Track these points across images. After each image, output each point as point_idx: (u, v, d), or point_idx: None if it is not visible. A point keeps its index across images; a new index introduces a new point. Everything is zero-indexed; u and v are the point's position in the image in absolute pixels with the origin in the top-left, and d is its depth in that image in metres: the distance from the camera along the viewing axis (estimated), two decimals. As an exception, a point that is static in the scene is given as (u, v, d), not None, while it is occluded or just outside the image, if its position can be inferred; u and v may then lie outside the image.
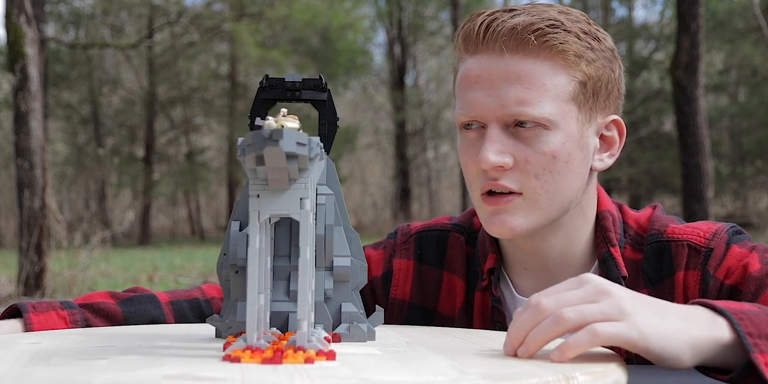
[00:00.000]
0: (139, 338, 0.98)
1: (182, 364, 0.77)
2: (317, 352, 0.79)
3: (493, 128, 1.12)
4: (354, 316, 0.96)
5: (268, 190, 0.81)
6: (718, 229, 1.17)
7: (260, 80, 1.02)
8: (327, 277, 0.96)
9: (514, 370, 0.74)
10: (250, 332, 0.81)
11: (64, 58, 19.93)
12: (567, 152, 1.13)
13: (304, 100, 1.02)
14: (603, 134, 1.20)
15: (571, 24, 1.14)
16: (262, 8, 18.10)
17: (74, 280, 7.49)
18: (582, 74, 1.14)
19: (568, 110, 1.13)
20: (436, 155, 25.84)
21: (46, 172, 7.31)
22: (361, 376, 0.70)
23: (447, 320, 1.28)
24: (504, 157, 1.11)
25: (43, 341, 0.95)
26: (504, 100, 1.11)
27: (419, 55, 24.73)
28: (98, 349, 0.87)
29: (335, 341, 0.94)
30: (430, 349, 0.89)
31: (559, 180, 1.14)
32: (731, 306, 0.85)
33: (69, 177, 20.54)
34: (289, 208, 0.81)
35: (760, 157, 18.66)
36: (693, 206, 8.75)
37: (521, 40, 1.11)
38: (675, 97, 8.99)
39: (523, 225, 1.14)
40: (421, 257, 1.31)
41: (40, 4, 7.66)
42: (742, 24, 18.63)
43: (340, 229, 0.97)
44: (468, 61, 1.16)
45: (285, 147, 0.74)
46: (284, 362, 0.76)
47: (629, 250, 1.20)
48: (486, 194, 1.14)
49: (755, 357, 0.80)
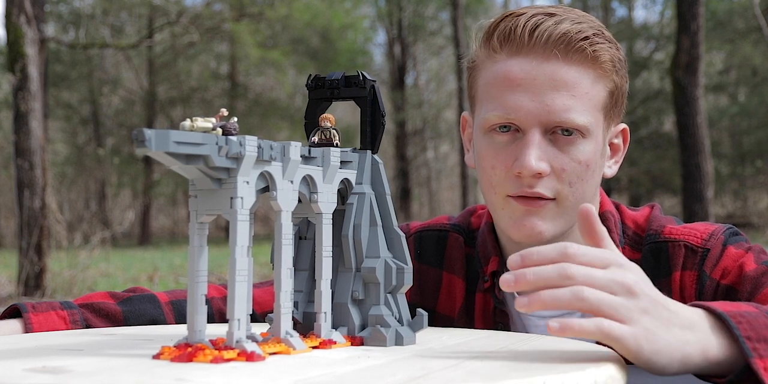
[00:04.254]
0: (127, 338, 0.97)
1: (86, 359, 0.78)
2: (239, 352, 0.78)
3: (535, 134, 1.11)
4: (379, 320, 0.93)
5: (202, 190, 0.81)
6: (715, 230, 1.18)
7: (306, 81, 1.01)
8: (357, 278, 0.94)
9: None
10: (189, 330, 0.82)
11: (64, 58, 19.92)
12: (595, 160, 1.15)
13: (344, 97, 1.00)
14: (612, 142, 1.21)
15: (606, 32, 1.15)
16: (262, 8, 18.08)
17: (74, 280, 7.49)
18: (612, 84, 1.15)
19: (599, 119, 1.14)
20: (436, 155, 25.83)
21: (46, 172, 7.30)
22: (226, 379, 0.69)
23: (447, 320, 1.28)
24: (543, 164, 1.11)
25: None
26: (550, 106, 1.10)
27: (419, 55, 24.72)
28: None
29: (356, 344, 0.92)
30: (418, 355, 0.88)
31: (586, 187, 1.14)
32: (729, 308, 0.85)
33: (69, 177, 20.55)
34: (221, 208, 0.80)
35: (760, 157, 18.66)
36: (693, 206, 8.75)
37: (575, 48, 1.10)
38: (675, 97, 8.99)
39: (550, 230, 1.14)
40: (420, 257, 1.31)
41: (40, 4, 7.66)
42: (742, 24, 18.63)
43: (375, 230, 0.95)
44: (506, 62, 1.14)
45: (155, 147, 0.72)
46: (194, 361, 0.76)
47: (628, 250, 1.20)
48: (518, 196, 1.14)
49: (754, 362, 0.80)
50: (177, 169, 0.78)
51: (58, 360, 0.79)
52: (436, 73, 24.76)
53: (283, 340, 0.84)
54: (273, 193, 0.85)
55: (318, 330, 0.89)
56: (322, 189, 0.91)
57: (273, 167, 0.84)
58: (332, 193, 0.92)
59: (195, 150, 0.76)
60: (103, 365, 0.76)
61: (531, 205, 1.13)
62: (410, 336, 0.94)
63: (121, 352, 0.86)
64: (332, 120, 0.96)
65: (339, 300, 0.93)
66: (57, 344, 0.93)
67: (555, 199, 1.13)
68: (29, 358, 0.80)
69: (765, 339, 0.82)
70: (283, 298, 0.85)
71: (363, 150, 0.98)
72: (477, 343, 0.95)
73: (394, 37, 23.48)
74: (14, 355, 0.83)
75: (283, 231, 0.85)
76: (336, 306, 0.93)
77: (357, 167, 0.97)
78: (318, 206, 0.91)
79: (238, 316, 0.79)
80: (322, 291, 0.90)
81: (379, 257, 0.94)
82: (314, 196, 0.90)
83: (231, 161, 0.79)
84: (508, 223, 1.15)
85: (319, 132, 0.97)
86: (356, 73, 0.99)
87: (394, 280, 0.94)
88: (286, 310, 0.85)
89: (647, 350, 0.78)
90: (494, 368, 0.75)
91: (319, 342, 0.88)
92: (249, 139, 0.80)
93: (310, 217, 0.92)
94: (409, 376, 0.71)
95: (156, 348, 0.85)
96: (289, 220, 0.86)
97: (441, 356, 0.84)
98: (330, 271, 0.91)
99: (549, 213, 1.13)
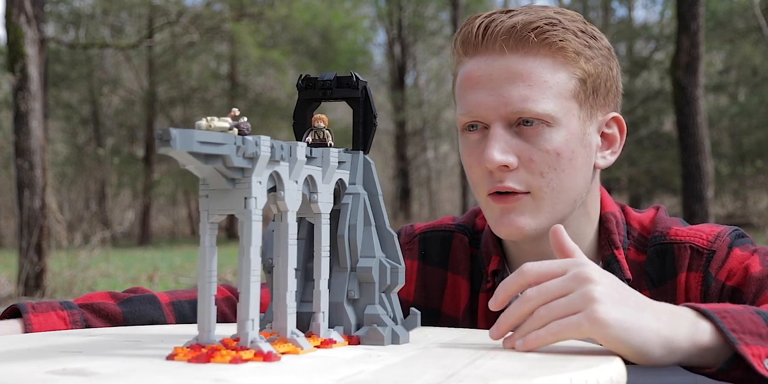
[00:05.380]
0: (128, 337, 0.97)
1: (103, 361, 0.78)
2: (256, 352, 0.78)
3: (497, 127, 1.12)
4: (375, 319, 0.93)
5: (214, 190, 0.81)
6: (721, 231, 1.18)
7: (297, 81, 1.01)
8: (352, 278, 0.95)
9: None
10: (200, 330, 0.81)
11: (64, 58, 19.92)
12: (570, 149, 1.14)
13: (337, 98, 1.00)
14: (604, 132, 1.21)
15: (568, 23, 1.15)
16: (262, 8, 18.09)
17: (74, 280, 7.49)
18: (581, 71, 1.14)
19: (569, 107, 1.14)
20: (436, 155, 25.83)
21: (46, 172, 7.30)
22: (242, 379, 0.69)
23: (451, 321, 1.28)
24: (508, 157, 1.11)
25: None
26: (507, 98, 1.12)
27: (419, 55, 24.72)
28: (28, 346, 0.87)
29: (353, 343, 0.92)
30: (421, 354, 0.89)
31: (564, 178, 1.14)
32: (715, 306, 0.86)
33: (69, 177, 20.55)
34: (234, 208, 0.80)
35: (760, 157, 18.64)
36: (693, 206, 8.75)
37: (521, 38, 1.12)
38: (675, 97, 8.99)
39: (531, 225, 1.14)
40: (425, 258, 1.32)
41: (40, 4, 7.66)
42: (742, 24, 18.62)
43: (369, 230, 0.95)
44: (467, 64, 1.16)
45: (179, 147, 0.72)
46: (212, 361, 0.76)
47: (633, 251, 1.21)
48: (493, 194, 1.14)
49: (740, 348, 0.81)
50: (192, 168, 0.78)
51: (73, 362, 0.78)
52: (436, 73, 24.75)
53: (290, 340, 0.84)
54: (281, 193, 0.85)
55: (317, 330, 0.90)
56: (322, 189, 0.91)
57: (281, 167, 0.84)
58: (330, 193, 0.93)
59: (216, 150, 0.76)
60: (125, 367, 0.75)
61: (504, 202, 1.14)
62: (405, 335, 0.95)
63: (130, 352, 0.85)
64: (325, 120, 0.97)
65: (334, 299, 0.94)
66: (58, 345, 0.92)
67: (529, 193, 1.14)
68: (41, 360, 0.79)
69: (750, 331, 0.83)
70: (289, 298, 0.85)
71: (355, 150, 0.99)
72: (466, 340, 0.95)
73: (394, 37, 23.48)
74: (24, 357, 0.82)
75: (290, 231, 0.85)
76: (331, 305, 0.93)
77: (350, 167, 0.97)
78: (318, 206, 0.91)
79: (252, 316, 0.79)
80: (321, 291, 0.90)
81: (374, 257, 0.95)
82: (314, 196, 0.91)
83: (247, 161, 0.79)
84: (491, 223, 1.17)
85: (312, 132, 0.97)
86: (348, 74, 1.00)
87: (389, 280, 0.95)
88: (291, 310, 0.85)
89: (612, 328, 0.79)
90: (514, 367, 0.75)
91: (321, 341, 0.88)
92: (263, 139, 0.80)
93: (308, 217, 0.92)
94: (438, 375, 0.71)
95: (161, 348, 0.85)
96: (295, 220, 0.86)
97: (454, 354, 0.84)
98: (328, 271, 0.91)
99: (525, 207, 1.14)
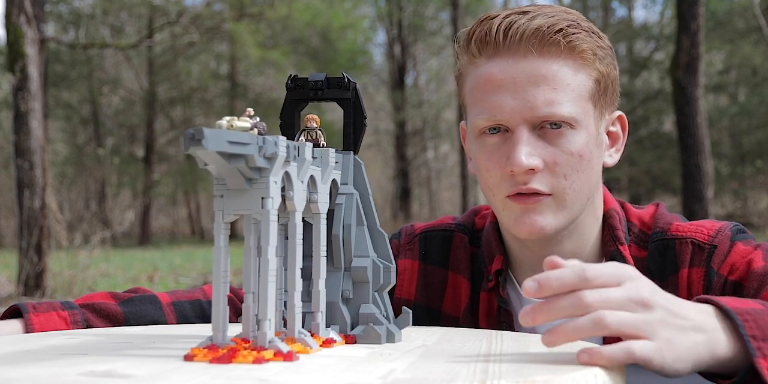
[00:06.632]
0: (131, 338, 0.97)
1: (122, 362, 0.77)
2: (275, 352, 0.78)
3: (522, 131, 1.12)
4: (371, 318, 0.94)
5: (230, 189, 0.81)
6: (722, 226, 1.18)
7: (286, 81, 1.01)
8: (346, 277, 0.95)
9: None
10: (215, 331, 0.81)
11: (64, 58, 19.93)
12: (589, 150, 1.14)
13: (327, 99, 1.00)
14: (609, 130, 1.22)
15: (582, 23, 1.15)
16: (262, 8, 18.09)
17: (74, 280, 7.49)
18: (597, 72, 1.15)
19: (588, 109, 1.14)
20: (436, 155, 25.84)
21: (46, 172, 7.30)
22: (276, 379, 0.69)
23: (452, 320, 1.28)
24: (535, 160, 1.11)
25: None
26: (532, 102, 1.11)
27: (419, 55, 24.72)
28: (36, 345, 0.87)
29: (349, 343, 0.92)
30: (427, 353, 0.89)
31: (584, 178, 1.14)
32: (737, 305, 0.85)
33: (69, 177, 20.55)
34: (250, 208, 0.80)
35: (760, 157, 18.64)
36: (693, 206, 8.75)
37: (549, 41, 1.11)
38: (675, 97, 8.99)
39: (552, 224, 1.14)
40: (425, 257, 1.32)
41: (40, 4, 7.66)
42: (742, 24, 18.62)
43: (362, 229, 0.96)
44: (485, 65, 1.15)
45: (210, 147, 0.72)
46: (234, 362, 0.76)
47: (634, 247, 1.21)
48: (514, 195, 1.14)
49: (758, 361, 0.80)
50: (212, 168, 0.78)
51: (96, 363, 0.77)
52: (436, 73, 24.75)
53: (299, 340, 0.85)
54: (290, 193, 0.85)
55: (316, 329, 0.90)
56: (321, 189, 0.92)
57: (291, 167, 0.84)
58: (326, 193, 0.93)
59: (242, 150, 0.76)
60: (153, 368, 0.74)
61: (527, 203, 1.13)
62: (399, 333, 0.96)
63: (143, 353, 0.84)
64: (318, 121, 0.97)
65: (329, 299, 0.94)
66: (60, 346, 0.92)
67: (552, 195, 1.14)
68: (65, 361, 0.78)
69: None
70: (296, 297, 0.85)
71: (346, 151, 0.99)
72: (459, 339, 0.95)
73: (394, 37, 23.48)
74: (44, 358, 0.81)
75: (297, 231, 0.85)
76: (326, 305, 0.94)
77: (342, 168, 0.98)
78: (317, 206, 0.91)
79: (269, 316, 0.80)
80: (320, 290, 0.90)
81: (368, 256, 0.95)
82: (314, 197, 0.91)
83: (266, 161, 0.80)
84: (510, 223, 1.16)
85: (305, 133, 0.97)
86: (339, 75, 1.00)
87: (381, 279, 0.96)
88: (298, 310, 0.86)
89: (670, 360, 0.79)
90: (522, 367, 0.75)
91: (322, 341, 0.89)
92: (281, 139, 0.80)
93: (307, 218, 0.92)
94: (470, 372, 0.72)
95: (170, 348, 0.85)
96: (301, 220, 0.86)
97: (456, 354, 0.84)
98: (325, 271, 0.91)
99: (547, 208, 1.14)
